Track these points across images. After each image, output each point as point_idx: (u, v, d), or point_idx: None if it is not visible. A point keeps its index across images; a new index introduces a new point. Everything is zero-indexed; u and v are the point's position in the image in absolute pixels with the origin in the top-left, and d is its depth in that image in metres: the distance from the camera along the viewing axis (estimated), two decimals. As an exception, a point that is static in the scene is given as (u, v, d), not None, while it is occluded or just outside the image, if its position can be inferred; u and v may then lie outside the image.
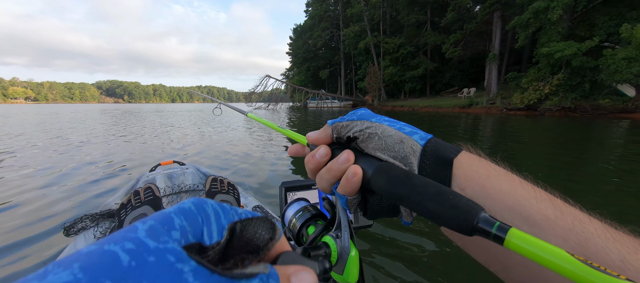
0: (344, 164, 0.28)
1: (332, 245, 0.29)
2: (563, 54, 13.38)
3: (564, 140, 7.04)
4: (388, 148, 0.27)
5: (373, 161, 0.27)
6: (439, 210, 0.21)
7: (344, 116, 0.31)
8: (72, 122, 13.39)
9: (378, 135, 0.28)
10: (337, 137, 0.31)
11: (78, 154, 5.32)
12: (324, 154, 0.30)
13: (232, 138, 7.45)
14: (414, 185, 0.23)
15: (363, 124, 0.29)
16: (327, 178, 0.29)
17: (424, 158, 0.26)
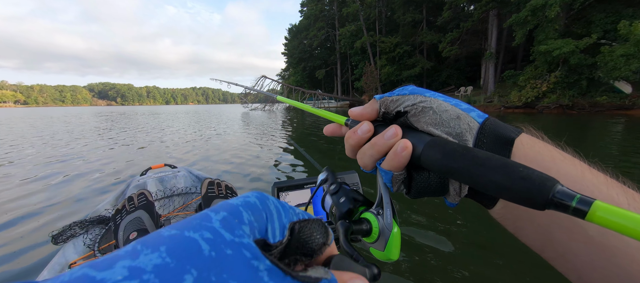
0: (391, 139, 0.27)
1: (373, 221, 0.30)
2: (561, 51, 13.36)
3: (562, 137, 6.80)
4: (443, 123, 0.27)
5: (424, 136, 0.27)
6: (506, 181, 0.20)
7: (393, 91, 0.30)
8: (65, 129, 12.90)
9: (433, 109, 0.27)
10: (384, 112, 0.30)
11: (72, 163, 4.98)
12: (367, 130, 0.29)
13: (225, 139, 7.31)
14: (475, 157, 0.22)
15: (416, 98, 0.28)
16: (370, 154, 0.28)
17: (481, 136, 0.26)
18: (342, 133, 0.34)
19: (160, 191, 1.59)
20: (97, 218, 1.31)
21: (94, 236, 1.21)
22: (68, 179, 3.81)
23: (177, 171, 1.80)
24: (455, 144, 0.24)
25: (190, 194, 1.67)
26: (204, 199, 1.01)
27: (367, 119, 0.31)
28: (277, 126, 10.56)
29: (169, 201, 1.58)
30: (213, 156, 5.21)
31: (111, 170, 4.26)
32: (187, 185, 1.71)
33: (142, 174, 1.75)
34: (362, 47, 32.09)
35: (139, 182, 1.62)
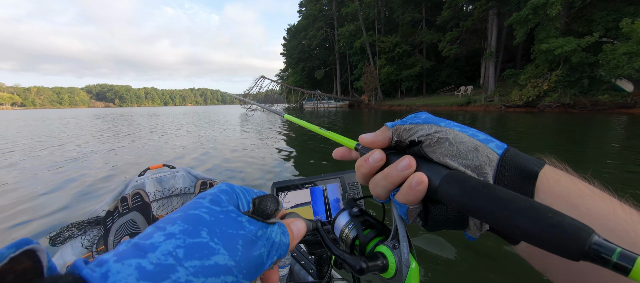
0: (405, 171, 0.26)
1: (390, 256, 0.28)
2: (563, 50, 13.28)
3: (564, 135, 7.05)
4: (460, 155, 0.25)
5: (439, 168, 0.26)
6: (534, 228, 0.18)
7: (404, 118, 0.30)
8: (63, 132, 12.70)
9: (449, 140, 0.26)
10: (397, 141, 0.29)
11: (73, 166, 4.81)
12: (379, 158, 0.28)
13: (224, 140, 7.23)
14: (498, 197, 0.21)
15: (430, 127, 0.27)
16: (383, 185, 0.27)
17: (501, 169, 0.24)
18: (351, 157, 0.34)
19: (159, 192, 1.58)
20: (95, 219, 1.30)
21: (92, 238, 1.19)
22: (65, 181, 3.71)
23: (176, 171, 1.78)
24: (475, 180, 0.23)
25: (189, 194, 1.66)
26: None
27: (378, 146, 0.29)
28: (276, 127, 10.44)
29: (167, 202, 1.57)
30: (213, 156, 5.15)
31: (109, 172, 4.15)
32: (186, 186, 1.69)
33: (141, 175, 1.74)
34: (361, 47, 31.98)
35: (136, 183, 1.60)
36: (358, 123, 12.75)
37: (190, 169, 1.88)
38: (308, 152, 5.34)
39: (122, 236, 0.82)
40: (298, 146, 6.14)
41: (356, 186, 0.70)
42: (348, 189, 0.70)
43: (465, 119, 13.09)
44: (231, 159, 4.84)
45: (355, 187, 0.69)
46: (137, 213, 0.89)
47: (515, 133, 7.77)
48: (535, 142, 6.21)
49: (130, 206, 0.90)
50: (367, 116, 18.35)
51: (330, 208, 0.69)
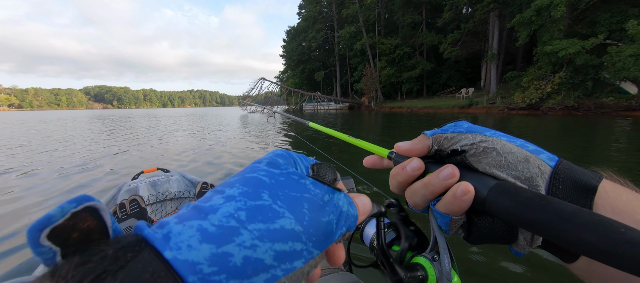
0: (448, 180, 0.25)
1: (429, 269, 0.27)
2: (567, 52, 13.13)
3: (569, 138, 6.98)
4: (509, 166, 0.24)
5: (487, 179, 0.24)
6: (605, 244, 0.17)
7: (443, 127, 0.29)
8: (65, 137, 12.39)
9: (496, 150, 0.25)
10: (437, 149, 0.28)
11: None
12: (417, 167, 0.27)
13: (220, 142, 7.02)
14: (559, 210, 0.19)
15: (475, 137, 0.26)
16: (423, 194, 0.27)
17: (555, 182, 0.23)
18: (383, 165, 0.33)
19: (153, 196, 1.56)
20: None
21: None
22: (58, 182, 3.56)
23: (170, 175, 1.77)
24: (529, 191, 0.22)
25: (183, 198, 1.64)
26: (198, 197, 0.98)
27: (416, 155, 0.29)
28: (276, 128, 10.22)
29: (161, 206, 1.55)
30: (212, 158, 5.08)
31: (103, 174, 3.94)
32: (180, 190, 1.67)
33: (134, 179, 1.71)
34: (361, 48, 31.85)
35: (130, 187, 1.58)
36: (360, 125, 12.52)
37: (185, 173, 1.85)
38: (307, 155, 5.23)
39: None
40: (297, 148, 5.94)
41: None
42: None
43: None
44: (228, 162, 4.75)
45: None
46: (134, 219, 0.89)
47: (519, 135, 7.58)
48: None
49: (128, 213, 0.90)
50: (367, 118, 18.13)
51: None
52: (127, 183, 1.66)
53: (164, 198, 1.59)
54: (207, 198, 0.15)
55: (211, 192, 0.16)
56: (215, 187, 0.17)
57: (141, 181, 1.65)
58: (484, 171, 0.25)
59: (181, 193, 1.66)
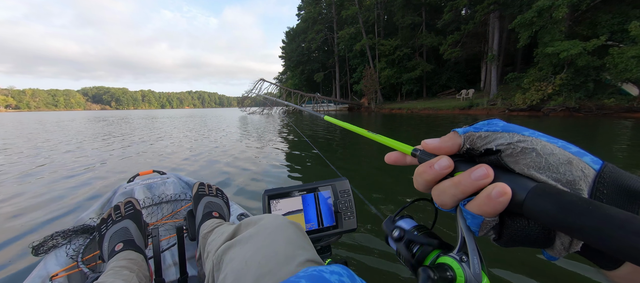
0: (481, 180, 0.24)
1: (457, 269, 0.26)
2: (569, 53, 13.08)
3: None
4: (549, 168, 0.23)
5: (525, 181, 0.23)
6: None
7: (476, 124, 0.28)
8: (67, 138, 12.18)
9: (536, 151, 0.24)
10: (469, 148, 0.27)
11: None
12: (446, 166, 0.27)
13: (217, 145, 6.90)
14: (608, 215, 0.18)
15: (512, 136, 0.25)
16: (453, 193, 0.26)
17: (599, 186, 0.22)
18: (406, 162, 0.32)
19: (149, 199, 1.55)
20: (82, 227, 1.25)
21: (77, 247, 1.16)
22: (52, 185, 3.46)
23: (166, 177, 1.75)
24: (573, 195, 0.21)
25: (179, 201, 1.62)
26: (195, 198, 1.00)
27: (445, 153, 0.28)
28: (275, 129, 10.08)
29: (157, 209, 1.54)
30: (210, 160, 5.04)
31: (97, 176, 3.79)
32: (177, 192, 1.66)
33: (130, 181, 1.69)
34: (361, 50, 31.80)
35: (125, 189, 1.57)
36: (360, 126, 12.37)
37: (182, 175, 1.82)
38: (304, 157, 5.16)
39: (116, 242, 0.80)
40: (295, 149, 5.86)
41: (348, 194, 0.71)
42: (340, 196, 0.70)
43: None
44: (225, 164, 4.71)
45: (347, 195, 0.70)
46: (129, 221, 0.87)
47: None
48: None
49: (123, 214, 0.89)
50: (367, 119, 18.02)
51: (322, 216, 0.69)
52: (123, 186, 1.62)
53: (160, 200, 1.56)
54: None
55: None
56: None
57: (137, 183, 1.63)
58: (521, 173, 0.24)
59: (177, 195, 1.64)
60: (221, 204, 1.00)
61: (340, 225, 0.69)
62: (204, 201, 0.96)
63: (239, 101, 35.01)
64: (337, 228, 0.72)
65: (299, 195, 0.67)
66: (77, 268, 1.05)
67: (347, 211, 0.72)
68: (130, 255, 0.74)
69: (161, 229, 1.40)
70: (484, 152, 0.26)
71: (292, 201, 0.67)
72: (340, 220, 0.70)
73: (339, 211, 0.72)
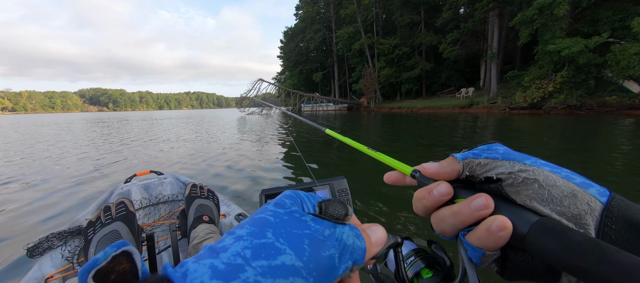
0: (480, 212, 0.23)
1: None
2: (570, 50, 12.98)
3: (572, 137, 6.92)
4: (553, 200, 0.22)
5: (526, 213, 0.22)
6: None
7: (474, 149, 0.27)
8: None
9: (538, 182, 0.22)
10: (468, 175, 0.26)
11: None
12: (445, 192, 0.25)
13: (216, 145, 6.83)
14: (618, 262, 0.17)
15: (513, 165, 0.24)
16: (452, 223, 0.25)
17: (607, 221, 0.20)
18: (405, 182, 0.31)
19: (145, 199, 1.54)
20: (77, 228, 1.24)
21: (73, 248, 1.15)
22: (46, 187, 3.39)
23: (164, 177, 1.74)
24: (579, 234, 0.19)
25: (176, 201, 1.60)
26: (187, 199, 1.01)
27: (443, 179, 0.27)
28: (274, 131, 9.92)
29: (154, 210, 1.53)
30: (207, 162, 5.02)
31: (95, 177, 3.72)
32: (174, 192, 1.65)
33: (126, 182, 1.67)
34: (360, 49, 31.66)
35: (122, 190, 1.56)
36: (359, 126, 12.24)
37: (179, 175, 1.79)
38: (305, 154, 5.14)
39: (103, 248, 0.68)
40: (291, 152, 5.79)
41: (346, 193, 0.69)
42: (338, 195, 0.68)
43: (469, 121, 12.74)
44: (223, 165, 4.70)
45: (345, 194, 0.68)
46: (121, 223, 0.82)
47: (521, 135, 7.48)
48: (543, 145, 5.99)
49: (113, 216, 0.83)
50: (367, 119, 17.87)
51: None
52: (119, 187, 1.61)
53: (157, 201, 1.54)
54: (221, 239, 0.17)
55: (226, 234, 0.18)
56: (231, 229, 0.18)
57: (134, 184, 1.60)
58: (523, 204, 0.23)
59: (175, 195, 1.61)
60: (211, 206, 1.02)
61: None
62: (196, 204, 0.98)
63: (238, 102, 34.78)
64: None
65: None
66: (73, 270, 1.03)
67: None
68: None
69: (158, 230, 1.38)
70: (484, 180, 0.25)
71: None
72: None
73: None
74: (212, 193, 1.11)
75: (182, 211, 1.04)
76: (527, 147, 5.79)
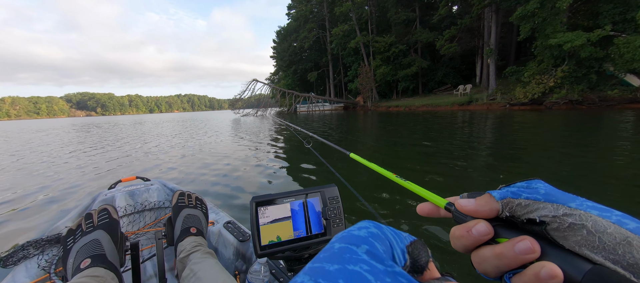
0: (525, 256, 0.22)
1: None
2: (573, 44, 12.77)
3: (574, 132, 6.78)
4: (605, 248, 0.20)
5: (577, 261, 0.20)
6: None
7: (512, 186, 0.25)
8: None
9: (587, 228, 0.21)
10: (508, 216, 0.24)
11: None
12: (485, 232, 0.24)
13: (207, 150, 6.40)
14: None
15: (557, 208, 0.22)
16: (495, 264, 0.23)
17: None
18: (440, 214, 0.30)
19: (130, 206, 1.49)
20: (56, 236, 1.16)
21: (50, 257, 1.07)
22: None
23: (150, 184, 1.68)
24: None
25: (163, 208, 1.56)
26: (174, 208, 0.97)
27: (481, 217, 0.25)
28: (269, 133, 9.35)
29: (139, 217, 1.49)
30: (196, 166, 4.86)
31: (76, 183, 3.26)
32: (161, 199, 1.60)
33: (111, 188, 1.58)
34: (355, 47, 31.26)
35: (106, 196, 1.48)
36: (355, 126, 11.75)
37: (166, 182, 1.75)
38: (296, 162, 4.84)
39: (83, 258, 0.70)
40: (289, 155, 5.35)
41: (337, 201, 0.69)
42: (328, 203, 0.69)
43: (469, 119, 12.43)
44: (212, 170, 4.56)
45: (336, 201, 0.69)
46: (102, 232, 0.77)
47: (524, 132, 7.23)
48: (544, 140, 5.80)
49: (95, 224, 0.79)
50: (364, 118, 17.34)
51: (310, 223, 0.68)
52: (103, 193, 1.54)
53: (143, 208, 1.50)
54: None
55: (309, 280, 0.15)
56: (310, 268, 0.15)
57: (118, 190, 1.55)
58: (572, 250, 0.21)
59: (162, 202, 1.57)
60: (200, 216, 0.97)
61: (329, 232, 0.69)
62: (183, 214, 0.93)
63: (231, 103, 33.92)
64: (325, 236, 0.71)
65: (287, 202, 0.66)
66: (50, 280, 0.98)
67: (336, 218, 0.71)
68: (96, 271, 0.65)
69: (142, 238, 1.32)
70: (526, 221, 0.23)
71: (280, 208, 0.65)
72: (329, 228, 0.69)
73: (328, 218, 0.71)
74: (201, 201, 1.05)
75: (169, 219, 0.96)
76: (535, 143, 5.48)
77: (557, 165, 3.91)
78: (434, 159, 4.51)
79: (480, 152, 4.92)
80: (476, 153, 4.87)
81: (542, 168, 3.79)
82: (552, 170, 3.66)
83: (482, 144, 5.64)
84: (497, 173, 3.60)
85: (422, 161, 4.50)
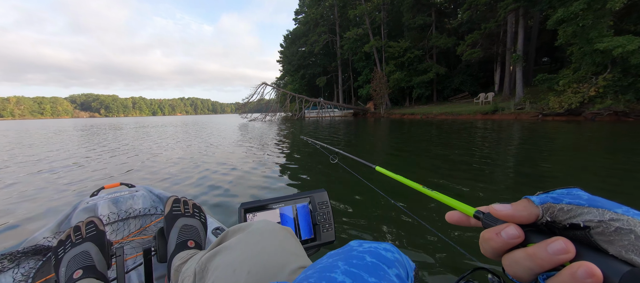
0: (559, 256, 0.22)
1: None
2: (624, 49, 11.48)
3: (623, 148, 5.82)
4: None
5: (619, 265, 0.20)
6: None
7: (552, 192, 0.25)
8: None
9: (635, 233, 0.20)
10: (549, 221, 0.24)
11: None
12: (515, 236, 0.24)
13: (197, 153, 5.67)
14: None
15: (603, 213, 0.22)
16: (528, 266, 0.23)
17: None
18: (470, 223, 0.30)
19: (114, 214, 1.37)
20: (33, 248, 1.07)
21: (27, 270, 0.98)
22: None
23: (135, 190, 1.57)
24: None
25: (149, 216, 1.44)
26: (167, 218, 0.88)
27: (518, 222, 0.25)
28: (273, 142, 8.14)
29: (123, 225, 1.36)
30: (185, 171, 4.63)
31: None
32: (146, 206, 1.48)
33: (93, 196, 1.49)
34: (366, 52, 30.17)
35: (87, 205, 1.38)
36: (367, 136, 10.46)
37: (152, 187, 1.65)
38: (295, 165, 4.70)
39: (74, 269, 0.71)
40: (287, 158, 4.91)
41: (326, 206, 0.68)
42: (318, 208, 0.68)
43: (486, 126, 11.13)
44: (197, 172, 4.43)
45: (325, 206, 0.68)
46: (90, 244, 0.77)
47: (566, 146, 6.28)
48: (586, 157, 4.98)
49: (83, 236, 0.78)
50: (374, 127, 15.96)
51: (299, 229, 0.67)
52: (85, 201, 1.43)
53: (127, 215, 1.38)
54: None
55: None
56: (348, 271, 0.15)
57: (101, 197, 1.44)
58: (618, 256, 0.21)
59: (147, 209, 1.46)
60: (198, 227, 0.88)
61: (319, 237, 0.68)
62: (179, 225, 0.84)
63: (239, 107, 32.80)
64: (315, 241, 0.70)
65: (277, 208, 0.65)
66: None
67: (325, 223, 0.71)
68: (89, 282, 0.68)
69: (127, 247, 1.24)
70: (569, 226, 0.23)
71: (269, 214, 0.64)
72: (319, 233, 0.68)
73: (317, 223, 0.70)
74: (199, 208, 0.94)
75: (160, 231, 0.86)
76: (585, 160, 4.56)
77: (604, 179, 3.47)
78: (468, 169, 3.43)
79: (522, 166, 3.70)
80: (509, 166, 3.67)
81: (595, 181, 3.37)
82: (603, 183, 3.24)
83: (522, 157, 4.36)
84: (542, 184, 3.20)
85: (460, 172, 3.30)
